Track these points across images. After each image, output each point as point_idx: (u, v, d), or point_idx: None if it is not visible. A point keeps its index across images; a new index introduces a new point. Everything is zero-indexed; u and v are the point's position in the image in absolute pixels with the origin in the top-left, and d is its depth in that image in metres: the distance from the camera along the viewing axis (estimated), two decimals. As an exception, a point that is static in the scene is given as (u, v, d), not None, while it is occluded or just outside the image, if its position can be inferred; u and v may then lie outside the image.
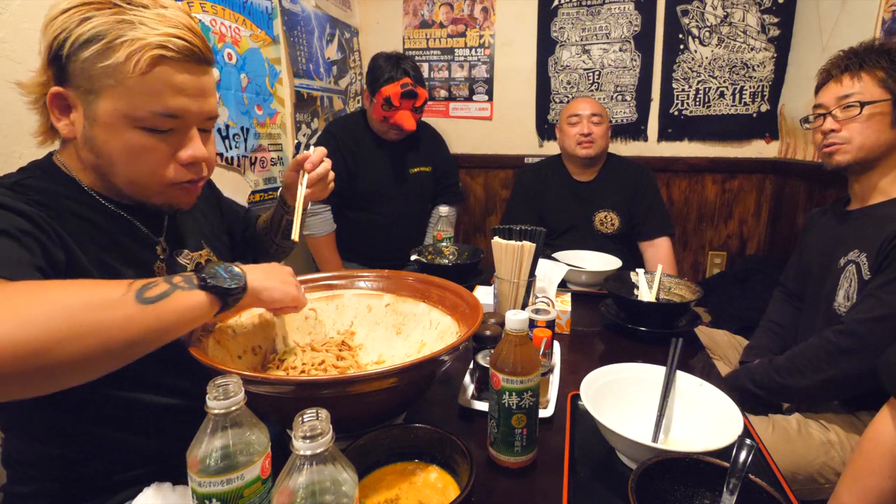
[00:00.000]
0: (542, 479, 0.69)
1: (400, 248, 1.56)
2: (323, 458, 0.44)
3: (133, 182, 0.70)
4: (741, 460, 0.54)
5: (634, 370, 0.82)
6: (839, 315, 1.09)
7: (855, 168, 1.13)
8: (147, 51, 0.62)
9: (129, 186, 0.71)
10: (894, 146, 1.09)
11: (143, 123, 0.66)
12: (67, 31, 0.62)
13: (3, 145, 0.99)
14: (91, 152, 0.68)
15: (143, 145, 0.67)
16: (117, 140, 0.66)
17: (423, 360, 0.63)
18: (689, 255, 2.48)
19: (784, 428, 1.07)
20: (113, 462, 0.73)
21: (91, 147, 0.67)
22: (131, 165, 0.68)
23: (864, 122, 1.08)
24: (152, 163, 0.69)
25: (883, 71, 1.06)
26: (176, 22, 0.65)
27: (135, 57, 0.62)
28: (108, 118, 0.65)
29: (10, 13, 0.99)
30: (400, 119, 1.76)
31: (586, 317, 1.27)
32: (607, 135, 1.83)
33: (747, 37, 2.19)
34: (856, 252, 1.07)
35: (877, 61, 1.07)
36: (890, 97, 1.06)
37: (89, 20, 0.62)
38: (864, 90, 1.08)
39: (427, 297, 0.91)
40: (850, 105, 1.09)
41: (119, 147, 0.67)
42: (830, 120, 1.13)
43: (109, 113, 0.64)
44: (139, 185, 0.70)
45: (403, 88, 1.72)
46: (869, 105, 1.07)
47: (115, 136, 0.66)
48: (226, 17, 1.55)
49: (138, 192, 0.72)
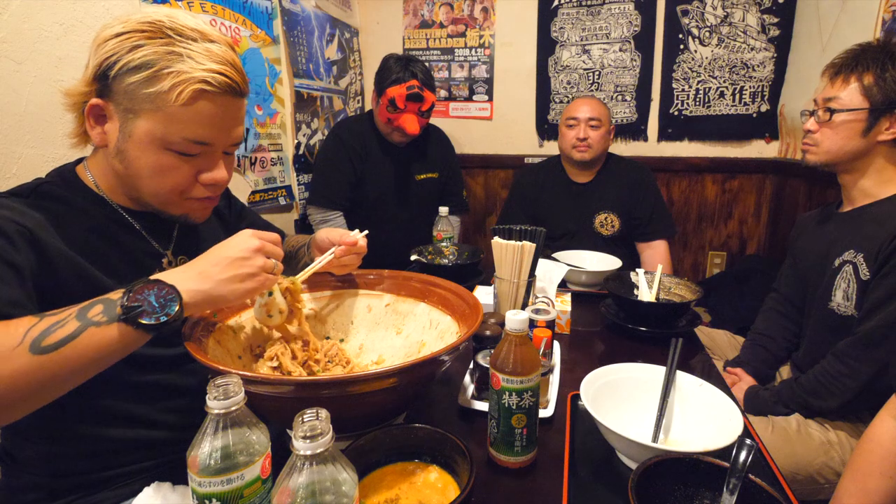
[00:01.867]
0: (542, 479, 0.69)
1: (406, 254, 1.55)
2: (323, 458, 0.44)
3: (156, 195, 0.74)
4: (741, 460, 0.54)
5: (634, 370, 0.82)
6: (838, 315, 1.09)
7: (827, 169, 1.16)
8: (191, 84, 0.66)
9: (151, 197, 0.74)
10: (867, 152, 1.09)
11: (175, 147, 0.70)
12: (118, 56, 0.65)
13: (3, 146, 0.99)
14: (121, 163, 0.71)
15: (170, 165, 0.71)
16: (148, 158, 0.70)
17: (423, 360, 0.63)
18: (689, 255, 2.48)
19: (784, 428, 1.07)
20: (103, 457, 0.74)
21: (122, 159, 0.71)
22: (157, 181, 0.72)
23: (835, 128, 1.10)
24: (176, 181, 0.73)
25: (873, 76, 1.06)
26: (221, 58, 0.69)
27: (178, 88, 0.66)
28: (143, 137, 0.68)
29: (10, 13, 0.99)
30: (403, 122, 1.75)
31: (586, 317, 1.27)
32: (606, 138, 1.81)
33: (747, 37, 2.19)
34: (851, 252, 1.08)
35: (870, 65, 1.07)
36: (868, 106, 1.07)
37: (140, 48, 0.65)
38: (846, 96, 1.09)
39: (427, 297, 0.91)
40: (827, 109, 1.11)
41: (148, 164, 0.70)
42: (812, 120, 1.15)
43: (145, 133, 0.68)
44: (161, 197, 0.74)
45: (409, 91, 1.71)
46: (840, 113, 1.09)
47: (146, 154, 0.70)
48: (226, 17, 1.55)
49: (158, 203, 0.75)
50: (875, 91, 1.06)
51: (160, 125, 0.67)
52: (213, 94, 0.68)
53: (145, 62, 0.65)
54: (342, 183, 1.84)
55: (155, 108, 0.67)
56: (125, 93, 0.66)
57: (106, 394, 0.71)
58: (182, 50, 0.66)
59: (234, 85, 0.70)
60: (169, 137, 0.68)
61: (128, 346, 0.57)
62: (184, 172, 0.72)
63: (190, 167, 0.73)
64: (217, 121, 0.71)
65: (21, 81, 1.01)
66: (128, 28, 0.66)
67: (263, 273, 0.68)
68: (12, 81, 1.00)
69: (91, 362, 0.54)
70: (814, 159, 1.16)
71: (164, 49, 0.65)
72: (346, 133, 1.87)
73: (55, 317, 0.53)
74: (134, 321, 0.55)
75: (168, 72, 0.65)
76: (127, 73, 0.65)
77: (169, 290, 0.58)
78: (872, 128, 1.07)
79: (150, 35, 0.66)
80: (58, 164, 1.02)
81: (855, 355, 1.01)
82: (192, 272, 0.63)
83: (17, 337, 0.51)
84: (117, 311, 0.55)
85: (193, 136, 0.69)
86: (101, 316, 0.54)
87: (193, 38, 0.68)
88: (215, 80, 0.67)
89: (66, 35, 1.10)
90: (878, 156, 1.09)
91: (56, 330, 0.52)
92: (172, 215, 0.77)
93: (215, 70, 0.67)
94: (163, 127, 0.68)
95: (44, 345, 0.51)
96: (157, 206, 0.75)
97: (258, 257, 0.67)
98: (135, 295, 0.56)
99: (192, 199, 0.76)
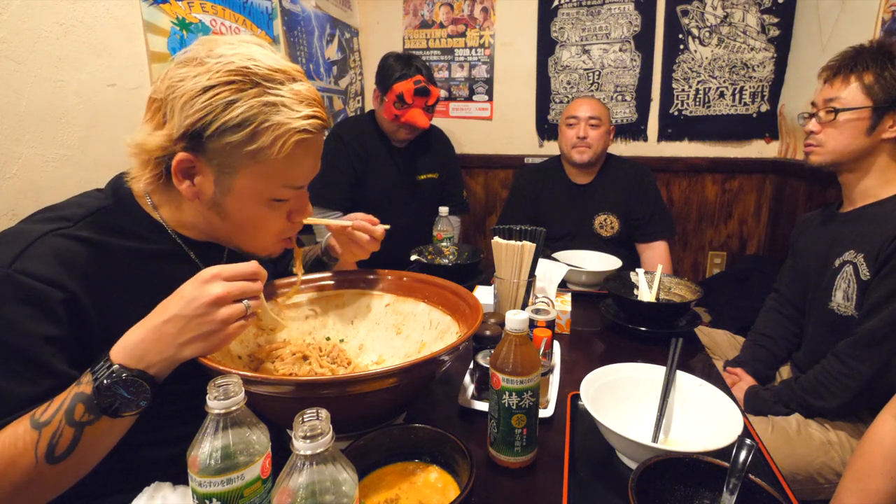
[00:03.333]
0: (542, 479, 0.69)
1: (406, 254, 1.55)
2: (323, 458, 0.44)
3: (258, 245, 0.75)
4: (741, 460, 0.54)
5: (634, 370, 0.82)
6: (838, 315, 1.09)
7: (831, 169, 1.16)
8: (292, 136, 0.65)
9: (250, 247, 0.75)
10: (871, 151, 1.10)
11: (276, 196, 0.70)
12: (214, 115, 0.62)
13: (3, 146, 0.99)
14: (217, 215, 0.70)
15: (272, 215, 0.72)
16: (249, 210, 0.70)
17: (423, 360, 0.63)
18: (689, 255, 2.48)
19: (784, 428, 1.07)
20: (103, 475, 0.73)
21: (219, 212, 0.70)
22: (261, 232, 0.73)
23: (839, 127, 1.11)
24: (276, 227, 0.74)
25: (872, 75, 1.07)
26: (311, 99, 0.67)
27: (280, 141, 0.64)
28: (244, 192, 0.68)
29: (10, 13, 0.99)
30: (412, 117, 1.75)
31: (586, 317, 1.27)
32: (606, 137, 1.81)
33: (747, 37, 2.19)
34: (851, 252, 1.08)
35: (868, 65, 1.07)
36: (871, 104, 1.07)
37: (235, 104, 0.62)
38: (848, 95, 1.09)
39: (427, 297, 0.91)
40: (830, 109, 1.11)
41: (251, 217, 0.71)
42: (814, 121, 1.16)
43: (247, 189, 0.67)
44: (259, 245, 0.75)
45: (417, 85, 1.71)
46: (844, 112, 1.09)
47: (247, 207, 0.69)
48: (226, 17, 1.55)
49: (255, 250, 0.76)
50: (877, 89, 1.06)
51: (262, 180, 0.67)
52: (310, 138, 0.67)
53: (244, 119, 0.62)
54: (342, 183, 1.84)
55: (255, 163, 0.65)
56: (222, 151, 0.64)
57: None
58: (275, 99, 0.63)
59: (325, 123, 0.69)
60: (272, 190, 0.68)
61: (127, 424, 0.59)
62: (281, 217, 0.73)
63: (285, 209, 0.73)
64: (313, 162, 0.71)
65: (21, 81, 1.01)
66: (216, 80, 0.61)
67: (227, 322, 0.59)
68: (12, 81, 1.00)
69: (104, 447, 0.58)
70: (818, 160, 1.16)
71: (259, 101, 0.62)
72: (347, 133, 1.87)
73: (49, 428, 0.54)
74: (116, 415, 0.56)
75: (267, 126, 0.63)
76: (225, 133, 0.62)
77: (134, 380, 0.56)
78: (877, 125, 1.07)
79: (240, 87, 0.62)
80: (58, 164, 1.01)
81: (855, 355, 1.01)
82: (150, 337, 0.57)
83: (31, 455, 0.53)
84: (100, 405, 0.55)
85: (293, 183, 0.70)
86: (88, 415, 0.55)
87: (281, 82, 0.65)
88: (312, 125, 0.66)
89: (66, 35, 1.10)
90: (881, 154, 1.10)
91: (58, 441, 0.54)
92: (251, 253, 0.76)
93: (310, 115, 0.66)
94: (265, 181, 0.67)
95: (56, 455, 0.54)
96: (252, 252, 0.75)
97: (217, 310, 0.58)
98: (104, 395, 0.55)
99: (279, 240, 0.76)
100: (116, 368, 0.55)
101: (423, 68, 1.77)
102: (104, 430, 0.57)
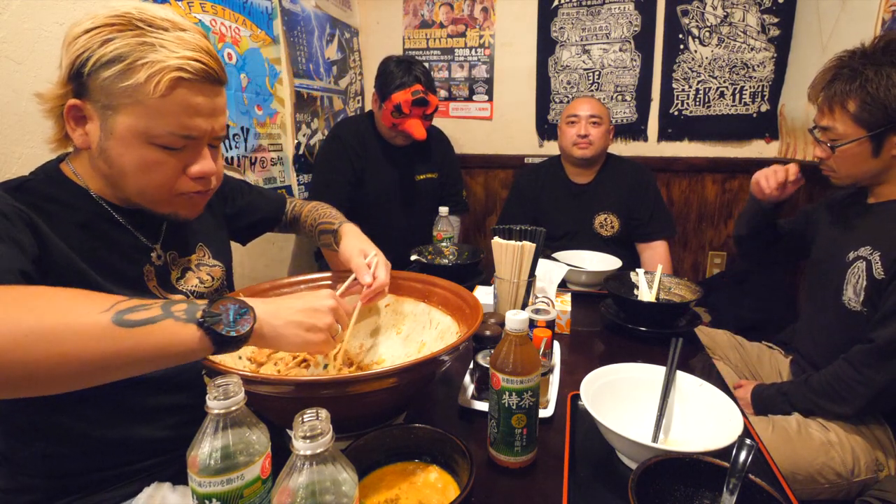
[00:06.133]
0: (542, 479, 0.69)
1: (407, 254, 1.55)
2: (323, 458, 0.44)
3: (142, 193, 0.73)
4: (741, 460, 0.54)
5: (634, 370, 0.82)
6: (848, 309, 1.09)
7: (857, 185, 1.15)
8: (167, 73, 0.65)
9: (138, 196, 0.73)
10: (887, 167, 1.07)
11: (158, 141, 0.68)
12: (90, 51, 0.64)
13: (3, 146, 0.99)
14: (105, 163, 0.70)
15: (155, 160, 0.70)
16: (131, 154, 0.68)
17: (423, 360, 0.63)
18: (689, 255, 2.48)
19: (784, 428, 1.07)
20: (98, 458, 0.73)
21: (105, 158, 0.70)
22: (143, 178, 0.71)
23: (844, 158, 1.09)
24: (163, 176, 0.71)
25: (856, 103, 1.03)
26: (194, 45, 0.68)
27: (155, 78, 0.64)
28: (125, 134, 0.67)
29: (10, 13, 0.99)
30: (409, 127, 1.74)
31: (586, 317, 1.27)
32: (607, 136, 1.81)
33: (747, 37, 2.19)
34: (867, 248, 1.07)
35: (848, 91, 1.04)
36: (865, 133, 1.04)
37: (111, 41, 0.64)
38: (840, 126, 1.07)
39: (427, 297, 0.91)
40: (828, 142, 1.10)
41: (132, 161, 0.69)
42: (820, 148, 1.14)
43: (126, 129, 0.67)
44: (148, 195, 0.73)
45: (414, 96, 1.70)
46: (841, 146, 1.08)
47: (129, 151, 0.68)
48: (226, 17, 1.55)
49: (146, 201, 0.74)
50: (866, 116, 1.03)
51: (141, 119, 0.66)
52: (191, 81, 0.67)
53: (118, 55, 0.64)
54: (342, 183, 1.84)
55: (134, 102, 0.65)
56: (101, 89, 0.65)
57: (104, 393, 0.71)
58: (154, 40, 0.65)
59: (211, 71, 0.69)
60: (151, 131, 0.67)
61: (188, 354, 0.55)
62: (170, 167, 0.71)
63: (176, 161, 0.71)
64: (199, 111, 0.69)
65: (21, 81, 1.01)
66: (97, 23, 0.64)
67: (327, 332, 0.67)
68: (12, 81, 1.00)
69: (159, 354, 0.53)
70: (839, 183, 1.15)
71: (136, 40, 0.64)
72: (346, 133, 1.87)
73: (143, 300, 0.54)
74: (209, 328, 0.55)
75: (142, 63, 0.64)
76: (101, 69, 0.64)
77: (249, 310, 0.59)
78: (882, 147, 1.05)
79: (120, 28, 0.64)
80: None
81: (870, 364, 1.00)
82: (268, 306, 0.63)
83: (106, 304, 0.51)
84: (198, 315, 0.55)
85: (176, 129, 0.68)
86: (182, 313, 0.55)
87: (164, 28, 0.66)
88: (191, 66, 0.66)
89: (66, 35, 1.10)
90: None
91: (141, 310, 0.52)
92: (160, 213, 0.76)
93: (190, 57, 0.66)
94: (144, 121, 0.66)
95: (128, 318, 0.51)
96: (145, 205, 0.74)
97: (329, 316, 0.67)
98: (218, 304, 0.56)
99: (181, 194, 0.74)
100: (237, 298, 0.60)
101: (423, 75, 1.75)
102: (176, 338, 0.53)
